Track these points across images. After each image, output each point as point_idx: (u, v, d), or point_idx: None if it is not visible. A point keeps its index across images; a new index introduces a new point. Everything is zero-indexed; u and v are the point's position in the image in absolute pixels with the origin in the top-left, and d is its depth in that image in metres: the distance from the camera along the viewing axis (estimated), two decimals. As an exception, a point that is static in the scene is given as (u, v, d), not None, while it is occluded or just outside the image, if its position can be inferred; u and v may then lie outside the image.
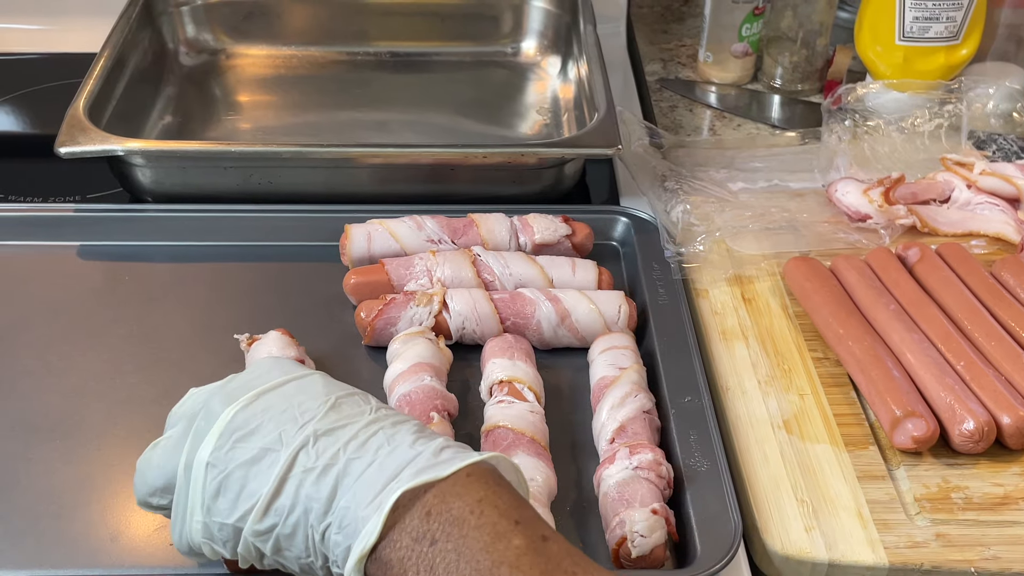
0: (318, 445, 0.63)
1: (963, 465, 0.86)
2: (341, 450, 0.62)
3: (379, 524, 0.58)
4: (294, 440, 0.63)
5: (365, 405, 0.67)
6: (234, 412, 0.65)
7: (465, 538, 0.57)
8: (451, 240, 1.04)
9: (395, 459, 0.62)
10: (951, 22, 1.26)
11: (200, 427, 0.66)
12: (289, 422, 0.64)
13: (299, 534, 0.62)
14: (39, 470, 0.84)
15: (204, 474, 0.64)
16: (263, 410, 0.65)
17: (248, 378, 0.69)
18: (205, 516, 0.65)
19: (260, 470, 0.63)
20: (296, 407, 0.65)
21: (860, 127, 1.24)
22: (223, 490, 0.64)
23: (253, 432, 0.64)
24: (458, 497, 0.59)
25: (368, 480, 0.61)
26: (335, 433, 0.63)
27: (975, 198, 1.14)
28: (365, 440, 0.63)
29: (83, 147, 1.06)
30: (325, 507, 0.61)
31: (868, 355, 0.92)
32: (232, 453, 0.64)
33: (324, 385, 0.68)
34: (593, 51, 1.28)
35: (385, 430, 0.64)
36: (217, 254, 1.08)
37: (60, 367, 0.94)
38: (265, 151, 1.12)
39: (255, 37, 1.46)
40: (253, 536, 0.63)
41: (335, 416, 0.64)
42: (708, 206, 1.12)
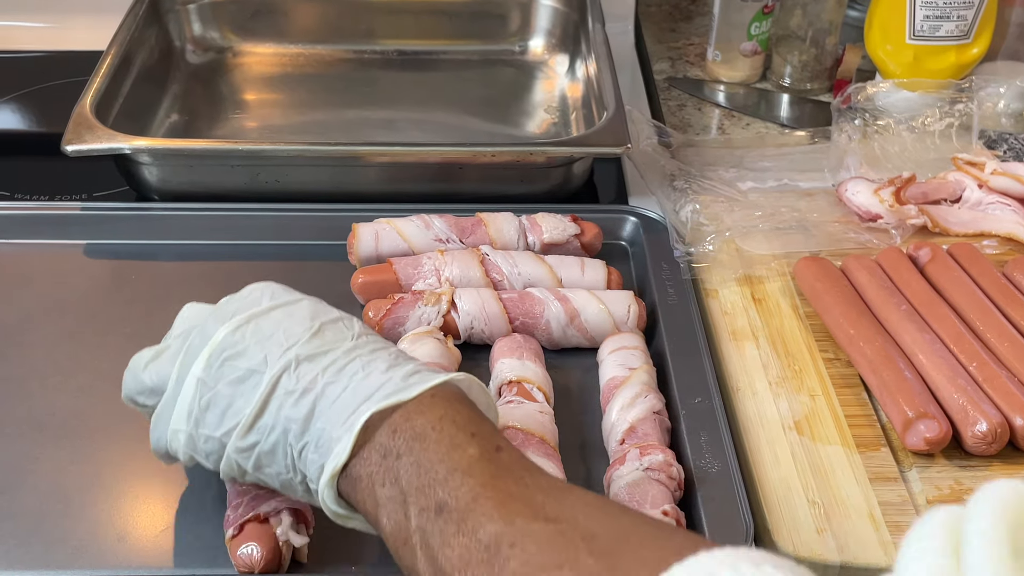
0: (299, 369, 0.67)
1: (976, 467, 0.85)
2: (320, 375, 0.67)
3: (350, 443, 0.63)
4: (277, 363, 0.67)
5: (348, 331, 0.71)
6: (225, 333, 0.70)
7: (425, 451, 0.62)
8: (459, 239, 1.03)
9: (368, 384, 0.66)
10: (962, 21, 1.26)
11: (194, 344, 0.71)
12: (274, 346, 0.68)
13: (279, 452, 0.67)
14: (46, 469, 0.84)
15: (195, 389, 0.69)
16: (252, 332, 0.69)
17: (242, 302, 0.73)
18: (191, 428, 0.70)
19: (245, 390, 0.68)
20: (282, 332, 0.69)
21: (870, 126, 1.23)
22: (211, 406, 0.69)
23: (241, 353, 0.69)
24: (421, 415, 0.64)
25: (342, 403, 0.65)
26: (316, 359, 0.67)
27: (986, 198, 1.13)
28: (343, 366, 0.67)
29: (90, 145, 1.06)
30: (303, 427, 0.66)
31: (879, 356, 0.91)
32: (221, 371, 0.69)
33: (311, 311, 0.72)
34: (602, 49, 1.27)
35: (362, 357, 0.68)
36: (224, 253, 1.08)
37: (67, 366, 0.94)
38: (272, 149, 1.11)
39: (262, 35, 1.46)
40: (236, 452, 0.68)
41: (318, 342, 0.69)
42: (717, 205, 1.12)
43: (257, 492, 0.75)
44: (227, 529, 0.74)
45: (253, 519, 0.73)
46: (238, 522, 0.74)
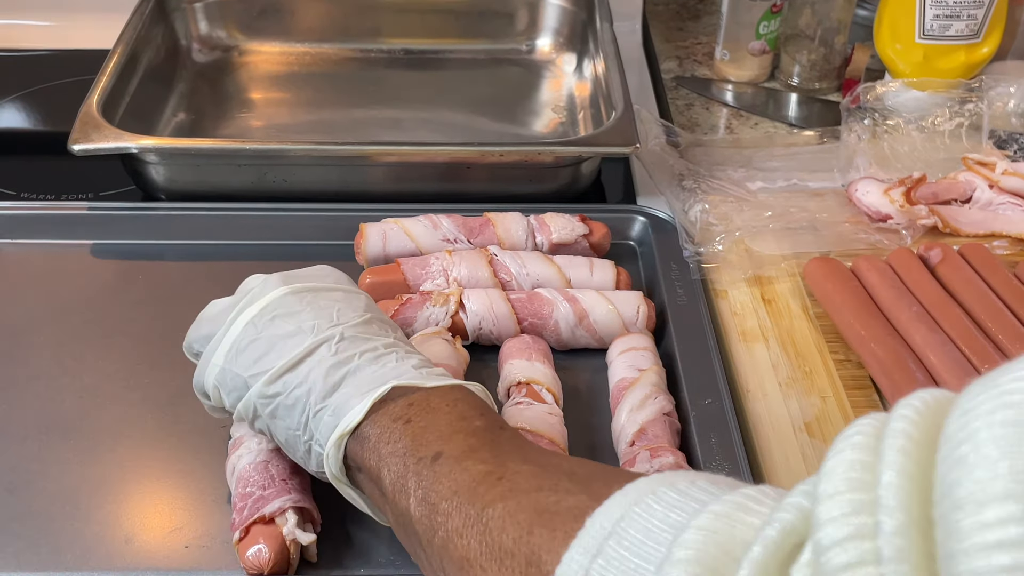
0: (340, 344, 0.71)
1: (988, 469, 0.84)
2: (357, 355, 0.70)
3: (367, 405, 0.66)
4: (323, 333, 0.71)
5: (393, 332, 0.75)
6: (286, 292, 0.74)
7: (435, 419, 0.65)
8: (467, 239, 1.03)
9: (396, 370, 0.70)
10: (972, 20, 1.25)
11: (254, 295, 0.75)
12: (325, 318, 0.72)
13: (297, 407, 0.69)
14: (53, 471, 0.83)
15: (243, 330, 0.73)
16: (309, 303, 0.74)
17: (309, 273, 0.79)
18: (226, 362, 0.73)
19: (287, 345, 0.71)
20: (336, 310, 0.73)
21: (879, 126, 1.23)
22: (250, 347, 0.72)
23: (294, 314, 0.73)
24: (440, 398, 0.68)
25: (368, 378, 0.69)
26: (357, 341, 0.71)
27: (997, 198, 1.13)
28: (380, 355, 0.71)
29: (97, 144, 1.06)
30: (326, 392, 0.69)
31: (890, 357, 0.91)
32: (271, 322, 0.72)
33: (367, 305, 0.76)
34: (610, 48, 1.27)
35: (398, 352, 0.72)
36: (231, 253, 1.07)
37: (74, 367, 0.93)
38: (280, 149, 1.11)
39: (268, 34, 1.45)
40: (258, 396, 0.71)
41: (364, 329, 0.73)
42: (726, 205, 1.11)
43: (261, 494, 0.74)
44: (234, 532, 0.74)
45: (258, 520, 0.73)
46: (244, 524, 0.73)
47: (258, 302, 0.74)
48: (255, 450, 0.78)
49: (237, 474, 0.77)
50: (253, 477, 0.76)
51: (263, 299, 0.74)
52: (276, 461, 0.77)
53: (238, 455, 0.79)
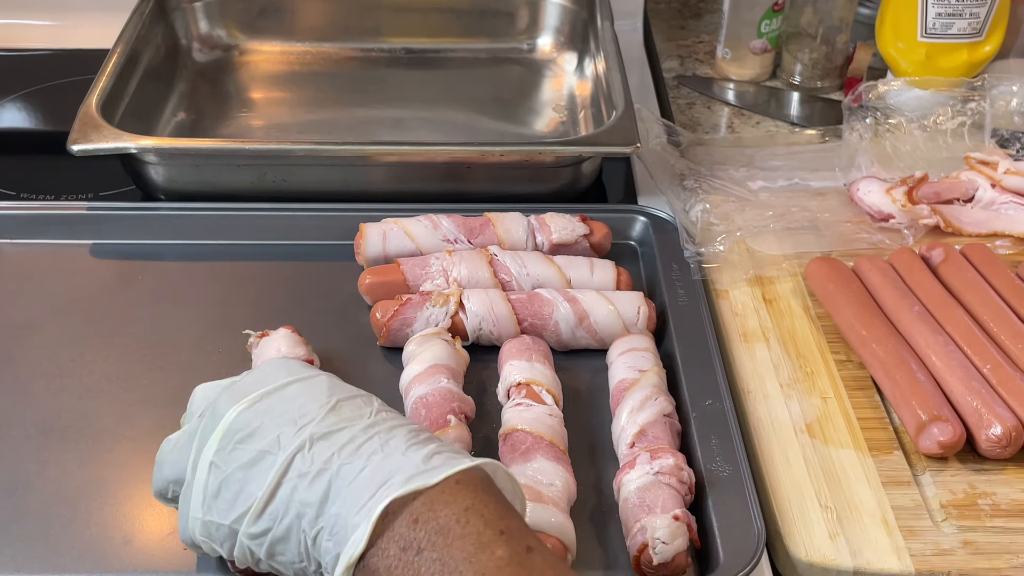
0: (314, 449, 0.63)
1: (990, 471, 0.84)
2: (336, 455, 0.63)
3: (367, 532, 0.59)
4: (291, 443, 0.63)
5: (366, 407, 0.67)
6: (237, 413, 0.66)
7: (449, 547, 0.57)
8: (467, 240, 1.03)
9: (386, 465, 0.62)
10: (974, 18, 1.25)
11: (206, 426, 0.67)
12: (288, 424, 0.64)
13: (292, 538, 0.63)
14: (52, 472, 0.83)
15: (207, 474, 0.66)
16: (265, 411, 0.66)
17: (255, 377, 0.69)
18: (204, 515, 0.66)
19: (257, 472, 0.64)
20: (296, 409, 0.65)
21: (881, 125, 1.22)
22: (222, 491, 0.65)
23: (253, 434, 0.65)
24: (445, 505, 0.59)
25: (359, 486, 0.61)
26: (331, 437, 0.64)
27: (999, 197, 1.12)
28: (360, 445, 0.63)
29: (96, 145, 1.05)
30: (317, 511, 0.62)
31: (892, 357, 0.90)
32: (233, 454, 0.65)
33: (328, 387, 0.68)
34: (611, 47, 1.26)
35: (380, 435, 0.64)
36: (231, 253, 1.07)
37: (73, 368, 0.93)
38: (279, 149, 1.10)
39: (269, 33, 1.45)
40: (248, 539, 0.64)
41: (333, 419, 0.65)
42: (728, 205, 1.11)
43: None
44: None
45: None
46: None
47: (213, 436, 0.66)
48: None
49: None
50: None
51: (217, 430, 0.66)
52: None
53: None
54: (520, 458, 0.79)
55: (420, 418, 0.82)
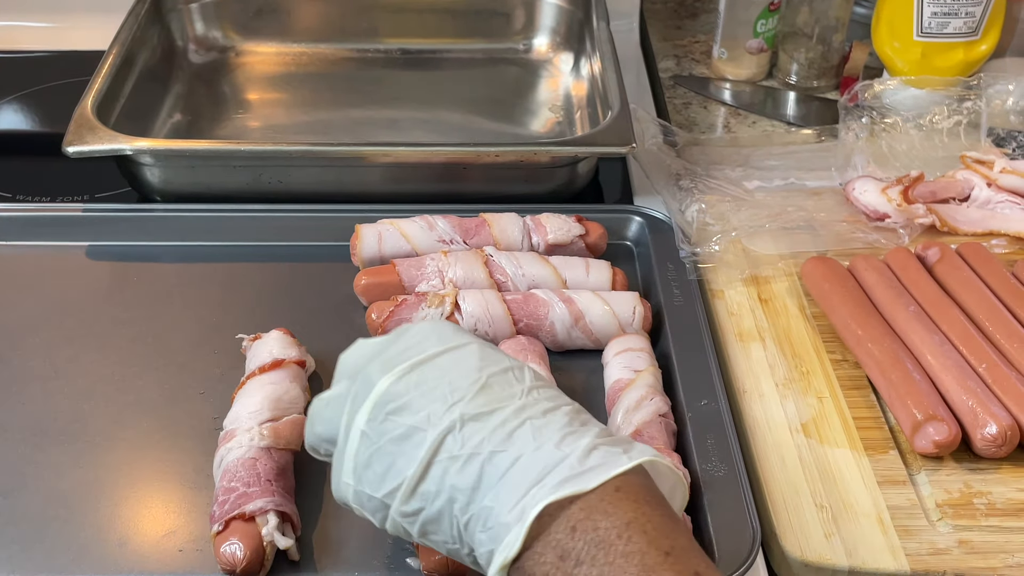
0: (464, 430, 0.62)
1: (985, 470, 0.84)
2: (486, 439, 0.61)
3: (521, 535, 0.58)
4: (442, 422, 0.62)
5: (518, 385, 0.65)
6: (388, 384, 0.65)
7: (611, 565, 0.56)
8: (463, 240, 1.03)
9: (540, 460, 0.60)
10: (970, 17, 1.25)
11: (359, 392, 0.67)
12: (438, 400, 0.63)
13: (444, 520, 0.62)
14: (47, 474, 0.83)
15: (358, 442, 0.65)
16: (416, 384, 0.65)
17: (404, 346, 0.68)
18: (356, 484, 0.66)
19: (408, 448, 0.63)
20: (447, 384, 0.64)
21: (877, 124, 1.22)
22: (373, 462, 0.64)
23: (404, 408, 0.64)
24: (605, 515, 0.58)
25: (511, 481, 0.60)
26: (482, 418, 0.62)
27: (995, 196, 1.12)
28: (512, 430, 0.61)
29: (91, 146, 1.05)
30: (468, 498, 0.61)
31: (888, 357, 0.90)
32: (384, 426, 0.64)
33: (479, 359, 0.66)
34: (606, 48, 1.26)
35: (533, 420, 0.62)
36: (226, 254, 1.07)
37: (68, 370, 0.93)
38: (275, 150, 1.10)
39: (265, 34, 1.45)
40: (400, 516, 0.64)
41: (484, 399, 0.63)
42: (723, 205, 1.11)
43: (244, 490, 0.74)
44: (212, 524, 0.74)
45: (238, 517, 0.73)
46: (223, 518, 0.73)
47: (364, 405, 0.65)
48: (245, 445, 0.78)
49: (224, 467, 0.77)
50: (239, 472, 0.76)
51: (368, 399, 0.65)
52: (264, 460, 0.77)
53: (228, 447, 0.79)
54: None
55: None
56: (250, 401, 0.82)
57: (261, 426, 0.79)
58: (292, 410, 0.83)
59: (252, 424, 0.79)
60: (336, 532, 0.78)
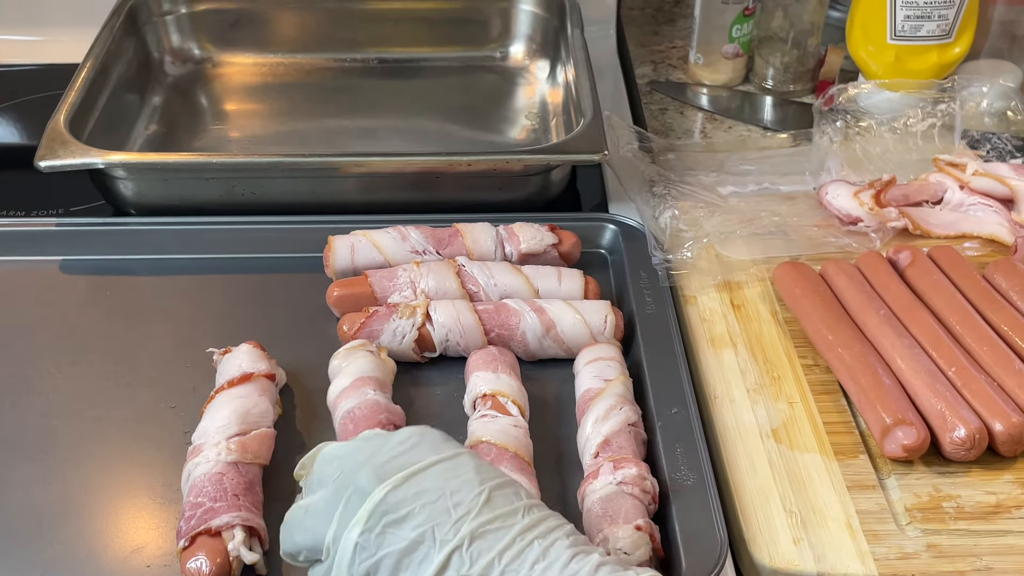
0: (472, 549, 0.61)
1: (955, 473, 0.84)
2: (496, 560, 0.61)
3: None
4: (448, 539, 0.62)
5: (517, 502, 0.65)
6: (384, 493, 0.63)
7: None
8: (436, 251, 1.03)
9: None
10: (943, 20, 1.25)
11: (350, 503, 0.65)
12: (442, 514, 0.63)
13: None
14: (16, 490, 0.83)
15: (352, 554, 0.63)
16: (415, 495, 0.63)
17: (395, 451, 0.66)
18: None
19: (412, 563, 0.62)
20: (449, 496, 0.63)
21: (852, 128, 1.22)
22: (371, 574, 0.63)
23: (404, 519, 0.63)
24: None
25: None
26: (489, 537, 0.62)
27: (968, 199, 1.12)
28: (520, 551, 0.62)
29: (63, 161, 1.06)
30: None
31: (858, 361, 0.90)
32: (382, 538, 0.63)
33: (476, 471, 0.66)
34: (580, 55, 1.26)
35: (540, 541, 0.62)
36: (200, 267, 1.07)
37: (40, 385, 0.93)
38: (247, 162, 1.10)
39: (241, 45, 1.45)
40: None
41: (489, 514, 0.63)
42: (697, 211, 1.11)
43: (211, 505, 0.74)
44: (179, 540, 0.74)
45: (204, 532, 0.73)
46: (189, 534, 0.73)
47: (358, 516, 0.63)
48: (212, 460, 0.78)
49: (191, 482, 0.78)
50: (206, 487, 0.76)
51: (362, 510, 0.63)
52: (231, 474, 0.77)
53: (195, 462, 0.79)
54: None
55: (348, 432, 0.82)
56: (218, 415, 0.82)
57: (228, 440, 0.79)
58: (261, 424, 0.83)
59: (220, 438, 0.79)
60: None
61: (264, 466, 0.82)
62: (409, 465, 0.65)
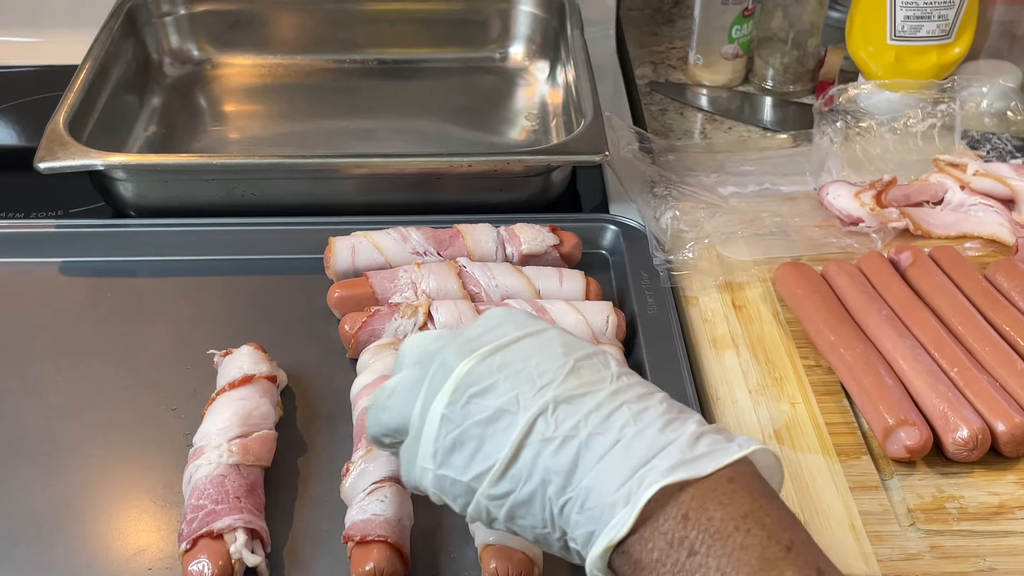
0: (557, 413, 0.60)
1: (957, 474, 0.84)
2: (582, 421, 0.59)
3: (633, 516, 0.56)
4: (532, 404, 0.60)
5: (605, 371, 0.63)
6: (470, 367, 0.62)
7: (729, 557, 0.54)
8: (437, 252, 1.02)
9: (643, 443, 0.58)
10: (943, 20, 1.25)
11: (436, 377, 0.64)
12: (526, 383, 0.61)
13: (535, 503, 0.60)
14: (16, 492, 0.83)
15: (439, 426, 0.62)
16: (499, 367, 0.62)
17: (480, 331, 0.65)
18: (437, 468, 0.63)
19: (496, 431, 0.61)
20: (534, 367, 0.62)
21: (852, 128, 1.22)
22: (458, 446, 0.62)
23: (488, 390, 0.61)
24: (720, 506, 0.56)
25: (613, 463, 0.58)
26: (575, 402, 0.60)
27: (968, 199, 1.12)
28: (608, 414, 0.60)
29: (63, 162, 1.05)
30: (564, 480, 0.59)
31: (860, 362, 0.90)
32: (467, 409, 0.61)
33: (562, 344, 0.64)
34: (580, 56, 1.26)
35: (630, 404, 0.60)
36: (201, 268, 1.07)
37: (40, 387, 0.93)
38: (247, 163, 1.10)
39: (241, 46, 1.45)
40: (487, 500, 0.61)
41: (575, 382, 0.61)
42: (698, 212, 1.11)
43: (213, 508, 0.74)
44: (180, 543, 0.74)
45: (206, 535, 0.73)
46: (191, 536, 0.73)
47: (444, 389, 0.63)
48: (214, 462, 0.78)
49: (193, 484, 0.77)
50: (208, 490, 0.76)
51: (448, 383, 0.62)
52: (233, 476, 0.77)
53: (196, 465, 0.78)
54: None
55: (363, 429, 0.82)
56: (219, 417, 0.82)
57: (230, 442, 0.79)
58: (262, 426, 0.83)
59: (221, 441, 0.79)
60: (307, 549, 0.78)
61: (266, 468, 0.82)
62: (494, 341, 0.64)
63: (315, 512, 0.81)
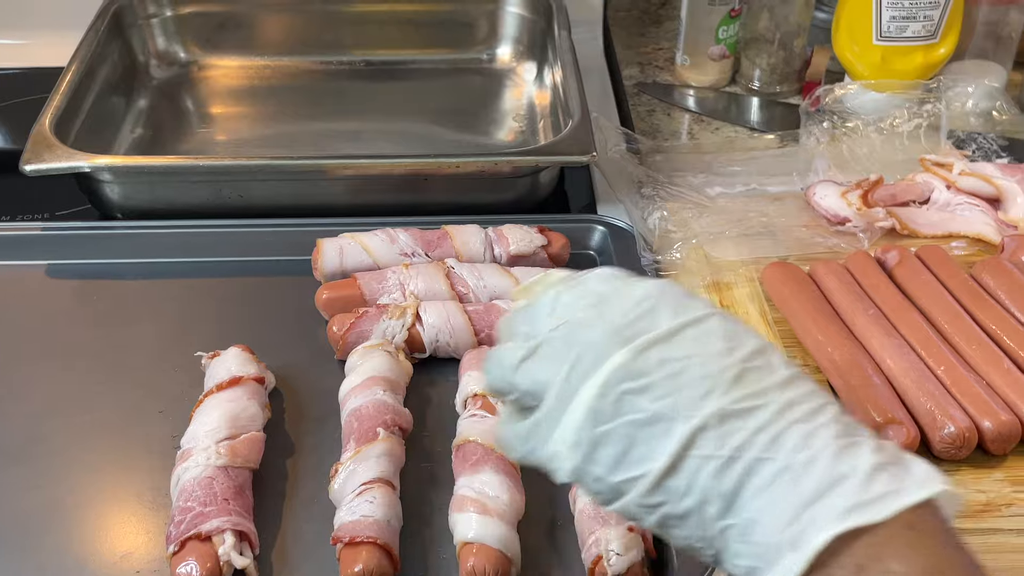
0: (723, 428, 0.55)
1: (945, 472, 0.83)
2: (748, 442, 0.55)
3: (799, 568, 0.51)
4: (692, 414, 0.56)
5: (771, 376, 0.58)
6: (624, 359, 0.58)
7: None
8: (425, 253, 1.02)
9: (814, 476, 0.53)
10: (928, 21, 1.25)
11: (584, 361, 0.59)
12: (687, 387, 0.57)
13: (691, 519, 0.56)
14: (3, 496, 0.82)
15: (584, 417, 0.58)
16: (658, 364, 0.57)
17: (633, 313, 0.60)
18: (580, 460, 0.59)
19: (650, 436, 0.56)
20: (697, 368, 0.57)
21: (839, 128, 1.23)
22: (604, 443, 0.58)
23: (644, 389, 0.57)
24: (899, 558, 0.50)
25: (781, 496, 0.53)
26: (742, 416, 0.55)
27: (955, 199, 1.13)
28: (776, 435, 0.55)
29: (49, 164, 1.05)
30: (726, 504, 0.55)
31: (847, 361, 0.91)
32: (619, 405, 0.57)
33: (724, 336, 0.59)
34: (568, 57, 1.26)
35: (799, 424, 0.55)
36: (188, 270, 1.07)
37: (26, 389, 0.92)
38: (233, 165, 1.10)
39: (227, 48, 1.44)
40: (638, 506, 0.58)
41: (740, 392, 0.56)
42: (685, 212, 1.11)
43: (201, 510, 0.74)
44: (168, 545, 0.74)
45: (194, 537, 0.73)
46: (179, 539, 0.73)
47: (593, 378, 0.58)
48: (202, 464, 0.78)
49: (181, 486, 0.77)
50: (196, 492, 0.76)
51: (599, 373, 0.58)
52: (221, 478, 0.77)
53: (184, 467, 0.78)
54: (470, 469, 0.79)
55: (352, 430, 0.82)
56: (207, 419, 0.81)
57: (218, 444, 0.79)
58: (250, 428, 0.83)
59: (209, 443, 0.79)
60: (295, 550, 0.78)
61: (254, 470, 0.81)
62: (650, 329, 0.59)
63: (304, 514, 0.81)
